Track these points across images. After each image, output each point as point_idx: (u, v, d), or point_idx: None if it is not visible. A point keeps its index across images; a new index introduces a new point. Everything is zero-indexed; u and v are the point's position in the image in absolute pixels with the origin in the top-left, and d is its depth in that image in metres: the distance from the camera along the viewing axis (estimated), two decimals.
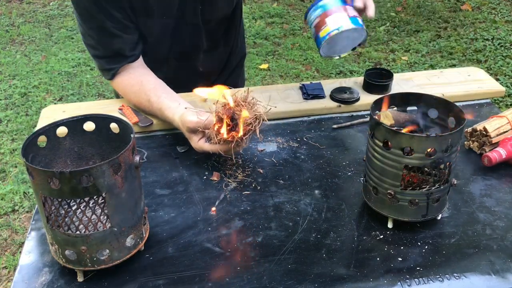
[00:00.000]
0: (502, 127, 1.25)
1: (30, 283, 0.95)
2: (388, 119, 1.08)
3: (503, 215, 1.08)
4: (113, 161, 0.87)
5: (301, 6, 4.90)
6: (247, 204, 1.12)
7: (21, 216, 2.57)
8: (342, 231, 1.05)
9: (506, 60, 3.87)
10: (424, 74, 1.60)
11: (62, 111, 1.44)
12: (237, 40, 1.65)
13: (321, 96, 1.47)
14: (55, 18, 4.82)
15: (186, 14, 1.40)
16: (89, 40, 1.35)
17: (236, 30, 1.61)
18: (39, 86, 3.70)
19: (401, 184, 1.00)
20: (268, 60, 3.99)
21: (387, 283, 0.94)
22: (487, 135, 1.24)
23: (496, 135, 1.24)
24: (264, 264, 0.98)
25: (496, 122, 1.26)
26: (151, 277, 0.95)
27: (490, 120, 1.28)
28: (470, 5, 4.76)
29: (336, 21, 1.23)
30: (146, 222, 1.01)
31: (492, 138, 1.23)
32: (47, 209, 0.93)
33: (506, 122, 1.26)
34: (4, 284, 2.21)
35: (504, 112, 1.31)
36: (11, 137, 3.15)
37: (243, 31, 1.72)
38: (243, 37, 1.74)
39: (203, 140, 1.19)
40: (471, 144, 1.28)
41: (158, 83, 1.37)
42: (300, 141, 1.33)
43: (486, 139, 1.24)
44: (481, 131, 1.25)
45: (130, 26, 1.34)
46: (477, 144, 1.27)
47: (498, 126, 1.25)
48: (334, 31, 1.23)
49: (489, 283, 0.94)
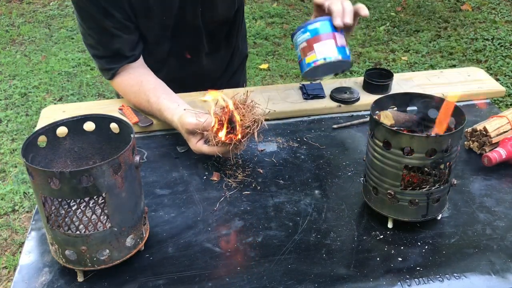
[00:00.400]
0: (502, 127, 1.25)
1: (30, 283, 0.95)
2: (388, 119, 1.08)
3: (503, 215, 1.08)
4: (113, 161, 0.87)
5: (301, 6, 4.90)
6: (247, 204, 1.12)
7: (21, 216, 2.57)
8: (342, 231, 1.05)
9: (506, 60, 3.87)
10: (424, 74, 1.60)
11: (62, 111, 1.44)
12: (239, 43, 1.65)
13: (321, 96, 1.47)
14: (55, 18, 4.83)
15: (187, 15, 1.40)
16: (89, 40, 1.35)
17: (237, 32, 1.61)
18: (39, 86, 3.70)
19: (401, 184, 1.00)
20: (268, 60, 3.99)
21: (387, 283, 0.94)
22: (487, 135, 1.24)
23: (496, 135, 1.24)
24: (264, 264, 0.98)
25: (496, 122, 1.26)
26: (151, 277, 0.95)
27: (490, 120, 1.28)
28: (470, 5, 4.76)
29: (324, 50, 1.20)
30: (146, 222, 1.01)
31: (492, 138, 1.23)
32: (47, 209, 0.93)
33: (506, 122, 1.26)
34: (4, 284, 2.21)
35: (504, 112, 1.31)
36: (11, 137, 3.15)
37: (245, 32, 1.72)
38: (245, 38, 1.74)
39: (201, 142, 1.19)
40: (471, 144, 1.28)
41: (158, 84, 1.37)
42: (300, 141, 1.33)
43: (486, 139, 1.24)
44: (481, 131, 1.25)
45: (130, 26, 1.34)
46: (477, 144, 1.27)
47: (498, 126, 1.25)
48: (321, 60, 1.20)
49: (489, 283, 0.94)
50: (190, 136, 1.21)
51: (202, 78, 1.56)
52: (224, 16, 1.49)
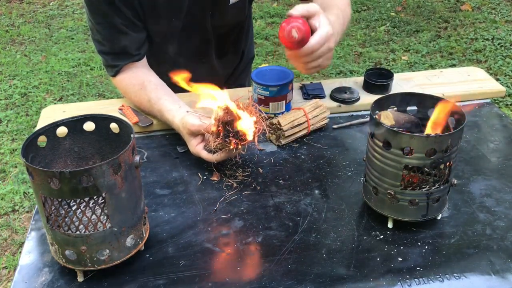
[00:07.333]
0: (297, 120, 1.30)
1: (30, 283, 0.95)
2: (388, 119, 1.08)
3: (503, 215, 1.08)
4: (113, 161, 0.87)
5: None
6: (247, 204, 1.12)
7: (21, 216, 2.57)
8: (342, 231, 1.05)
9: (506, 60, 3.87)
10: (424, 74, 1.60)
11: (62, 111, 1.44)
12: (247, 47, 1.66)
13: (321, 96, 1.47)
14: (55, 18, 4.83)
15: (195, 18, 1.40)
16: (96, 36, 1.36)
17: (246, 37, 1.62)
18: (39, 86, 3.70)
19: (401, 184, 1.00)
20: (268, 60, 3.99)
21: (387, 283, 0.94)
22: (280, 128, 1.28)
23: (290, 128, 1.28)
24: (264, 264, 0.98)
25: (292, 115, 1.31)
26: (151, 277, 0.95)
27: (290, 112, 1.33)
28: (470, 5, 4.76)
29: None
30: (146, 222, 1.01)
31: (285, 132, 1.28)
32: (47, 209, 0.93)
33: (302, 115, 1.31)
34: (4, 284, 2.21)
35: (309, 102, 1.36)
36: (11, 137, 3.15)
37: (252, 35, 1.72)
38: (252, 41, 1.75)
39: (201, 145, 1.20)
40: (271, 137, 1.32)
41: (160, 84, 1.37)
42: (300, 141, 1.32)
43: (280, 132, 1.29)
44: (276, 125, 1.29)
45: (138, 24, 1.35)
46: (275, 137, 1.31)
47: (293, 119, 1.30)
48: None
49: (489, 283, 0.94)
50: (190, 138, 1.21)
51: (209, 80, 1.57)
52: (234, 20, 1.49)
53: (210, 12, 1.41)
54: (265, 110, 1.37)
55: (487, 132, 1.35)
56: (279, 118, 1.29)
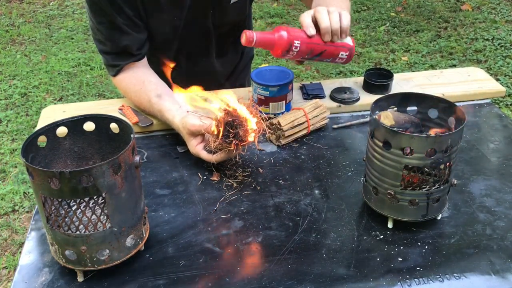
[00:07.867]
0: (297, 120, 1.30)
1: (30, 283, 0.95)
2: (388, 119, 1.08)
3: (503, 215, 1.08)
4: (113, 161, 0.87)
5: (301, 6, 4.89)
6: (247, 204, 1.12)
7: (21, 216, 2.57)
8: (342, 231, 1.05)
9: (506, 60, 3.87)
10: (424, 74, 1.60)
11: (62, 111, 1.44)
12: (246, 47, 1.66)
13: (321, 96, 1.47)
14: (55, 18, 4.83)
15: (197, 17, 1.41)
16: (98, 35, 1.36)
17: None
18: (39, 86, 3.70)
19: (401, 184, 1.00)
20: (268, 60, 3.99)
21: (387, 283, 0.94)
22: (280, 128, 1.28)
23: (290, 128, 1.28)
24: (264, 264, 0.98)
25: (292, 115, 1.31)
26: (151, 277, 0.95)
27: (290, 111, 1.33)
28: (470, 5, 4.76)
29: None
30: (146, 222, 1.01)
31: (285, 132, 1.28)
32: (47, 209, 0.93)
33: (302, 115, 1.31)
34: (4, 284, 2.21)
35: (309, 102, 1.36)
36: (11, 137, 3.15)
37: None
38: None
39: (201, 146, 1.20)
40: (271, 137, 1.32)
41: (160, 84, 1.37)
42: (300, 141, 1.33)
43: (280, 132, 1.29)
44: (276, 125, 1.29)
45: (140, 24, 1.35)
46: (275, 137, 1.31)
47: (293, 119, 1.30)
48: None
49: (489, 283, 0.94)
50: (190, 138, 1.21)
51: (209, 79, 1.57)
52: (235, 19, 1.50)
53: (211, 11, 1.41)
54: (265, 110, 1.37)
55: (487, 132, 1.35)
56: (279, 118, 1.29)
